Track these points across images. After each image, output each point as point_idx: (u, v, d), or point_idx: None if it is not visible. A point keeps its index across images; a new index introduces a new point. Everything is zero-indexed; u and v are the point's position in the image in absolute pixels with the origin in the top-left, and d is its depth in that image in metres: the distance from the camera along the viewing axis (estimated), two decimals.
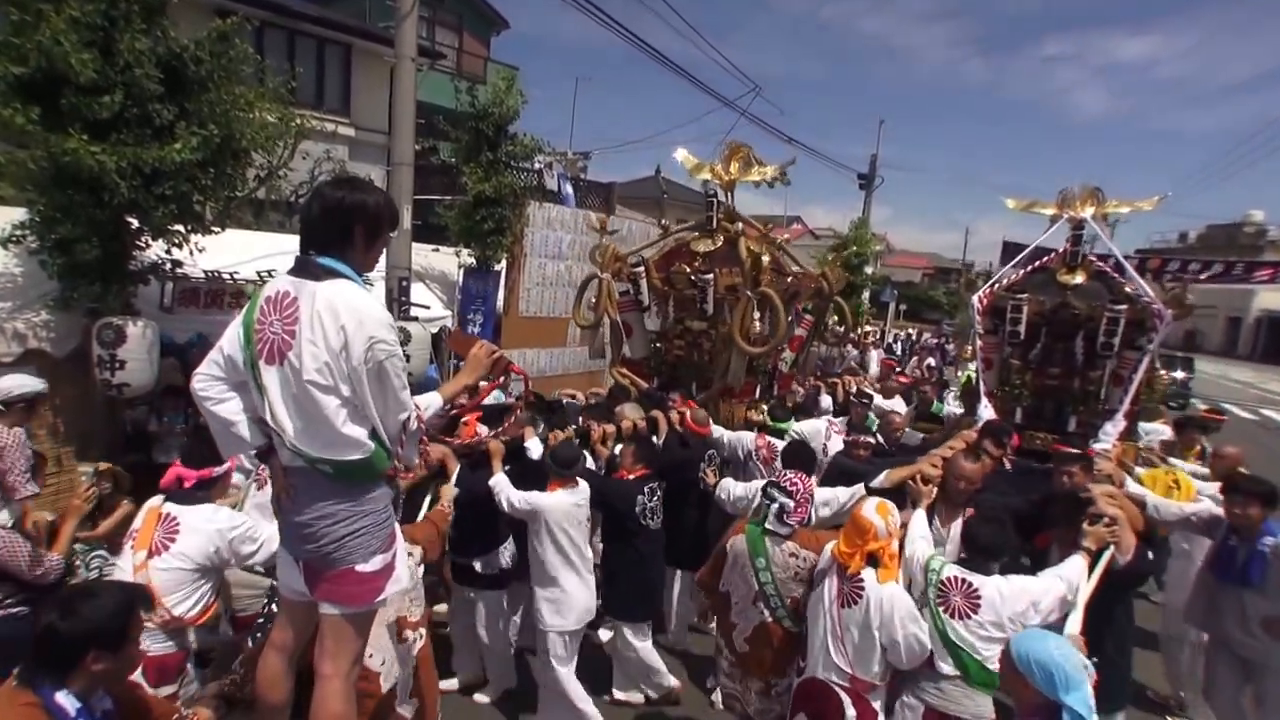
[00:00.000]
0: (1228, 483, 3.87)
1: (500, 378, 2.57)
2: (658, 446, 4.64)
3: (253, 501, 3.52)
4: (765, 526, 3.24)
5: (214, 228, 5.58)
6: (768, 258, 6.20)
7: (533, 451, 4.09)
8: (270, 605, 2.75)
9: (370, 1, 15.68)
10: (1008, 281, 5.67)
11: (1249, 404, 20.04)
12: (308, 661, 2.31)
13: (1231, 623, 3.72)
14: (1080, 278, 5.28)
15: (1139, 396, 5.29)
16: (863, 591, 2.83)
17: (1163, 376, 8.29)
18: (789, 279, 6.47)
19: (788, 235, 7.24)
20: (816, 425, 5.58)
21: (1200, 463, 5.79)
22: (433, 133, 13.05)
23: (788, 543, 3.20)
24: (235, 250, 6.09)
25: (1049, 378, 5.43)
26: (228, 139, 5.18)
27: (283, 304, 2.05)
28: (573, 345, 9.78)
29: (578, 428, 4.69)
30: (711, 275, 6.05)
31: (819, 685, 2.93)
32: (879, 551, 2.86)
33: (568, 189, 11.96)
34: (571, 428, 4.60)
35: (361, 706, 2.38)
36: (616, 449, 4.57)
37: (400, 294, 6.97)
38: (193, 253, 5.52)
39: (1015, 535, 3.16)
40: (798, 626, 3.17)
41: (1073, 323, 5.23)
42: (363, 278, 2.15)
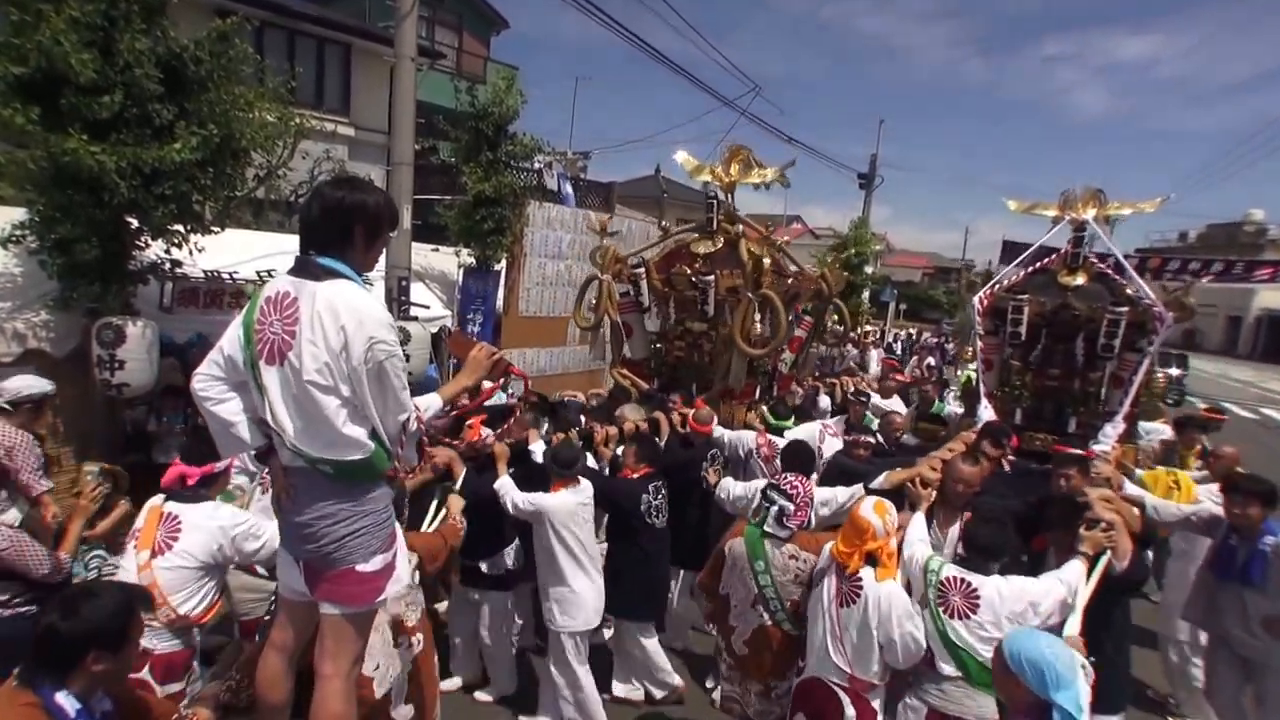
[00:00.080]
0: (1227, 482, 3.87)
1: (500, 379, 2.58)
2: (660, 446, 4.63)
3: (258, 505, 3.52)
4: (765, 529, 3.23)
5: (213, 228, 5.57)
6: (768, 260, 6.20)
7: (537, 454, 4.09)
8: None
9: (370, 1, 15.67)
10: (1009, 282, 5.66)
11: (1249, 403, 20.02)
12: (308, 661, 2.31)
13: (1232, 622, 3.73)
14: (1081, 279, 5.27)
15: (1139, 398, 5.29)
16: (861, 590, 2.83)
17: (1160, 378, 8.27)
18: (789, 280, 6.47)
19: (787, 238, 7.23)
20: (811, 429, 5.58)
21: (1200, 462, 5.79)
22: (432, 132, 13.05)
23: (788, 545, 3.19)
24: (235, 250, 6.09)
25: (1049, 379, 5.42)
26: (227, 139, 5.17)
27: (283, 304, 2.05)
28: (572, 345, 9.78)
29: (581, 429, 4.69)
30: (712, 277, 6.04)
31: (818, 685, 2.93)
32: (877, 551, 2.86)
33: (567, 189, 11.96)
34: (575, 430, 4.60)
35: None
36: (619, 450, 4.57)
37: (400, 294, 6.97)
38: (192, 253, 5.51)
39: (1015, 536, 3.16)
40: (797, 629, 3.16)
41: (1073, 324, 5.22)
42: (362, 278, 2.15)
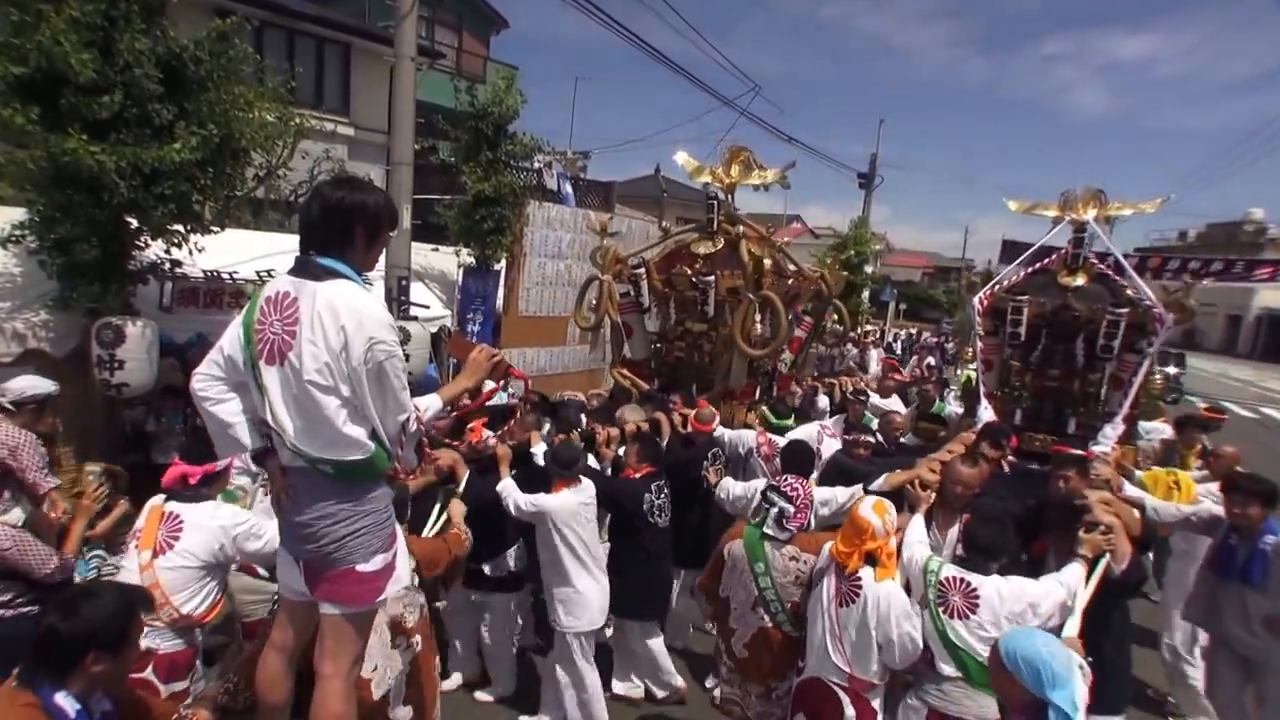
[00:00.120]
0: (1228, 482, 3.87)
1: (501, 381, 2.58)
2: (662, 446, 4.64)
3: (260, 505, 3.52)
4: (764, 531, 3.23)
5: (213, 227, 5.57)
6: (769, 260, 6.20)
7: (539, 456, 4.08)
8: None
9: (369, 1, 15.67)
10: (1009, 283, 5.66)
11: (1249, 402, 20.01)
12: (308, 661, 2.31)
13: (1232, 621, 3.72)
14: (1081, 280, 5.27)
15: (1138, 399, 5.28)
16: (860, 590, 2.83)
17: (1158, 379, 8.27)
18: (789, 281, 6.47)
19: (787, 237, 7.23)
20: (809, 430, 5.57)
21: (1201, 462, 5.79)
22: (432, 132, 13.04)
23: (788, 546, 3.19)
24: (234, 250, 6.08)
25: (1049, 379, 5.42)
26: (227, 139, 5.17)
27: (283, 304, 2.05)
28: (572, 344, 9.78)
29: (583, 431, 4.68)
30: (713, 278, 6.04)
31: (818, 685, 2.93)
32: (877, 551, 2.86)
33: (567, 188, 11.97)
34: (577, 431, 4.60)
35: None
36: (620, 451, 4.58)
37: (400, 293, 6.97)
38: (192, 252, 5.51)
39: (1014, 536, 3.16)
40: (798, 631, 3.15)
41: (1073, 325, 5.21)
42: (362, 277, 2.15)
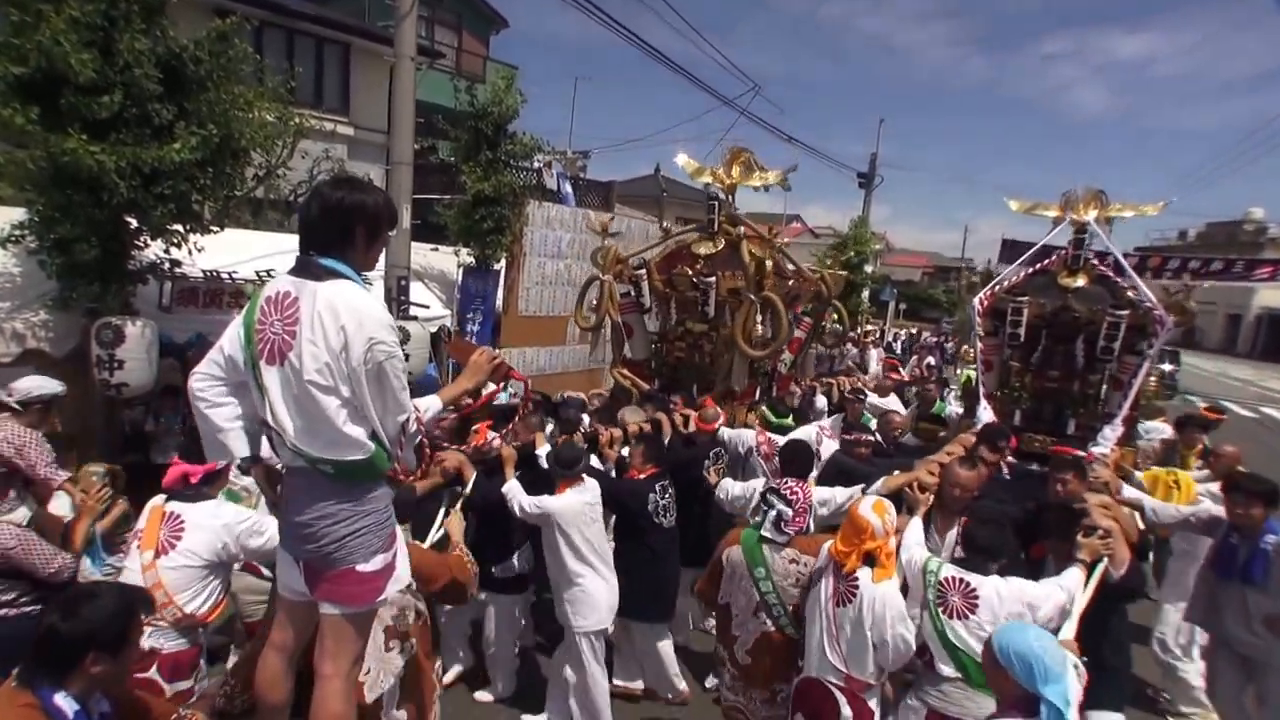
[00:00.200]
0: (1229, 482, 3.87)
1: (501, 382, 2.59)
2: (664, 446, 4.64)
3: (265, 504, 3.53)
4: (762, 534, 3.22)
5: (213, 227, 5.58)
6: (770, 262, 6.20)
7: (544, 458, 4.08)
8: None
9: (369, 0, 15.67)
10: (1009, 283, 5.66)
11: (1249, 402, 19.99)
12: (308, 661, 2.31)
13: (1233, 621, 3.72)
14: (1082, 281, 5.27)
15: (1138, 401, 5.28)
16: (857, 590, 2.83)
17: (1153, 381, 8.25)
18: (789, 282, 6.47)
19: (787, 237, 7.22)
20: (807, 431, 5.57)
21: (1201, 462, 5.78)
22: (432, 132, 13.05)
23: (788, 549, 3.18)
24: (234, 250, 6.09)
25: (1048, 380, 5.42)
26: (227, 138, 5.17)
27: (283, 304, 2.04)
28: (572, 344, 9.78)
29: (586, 431, 4.69)
30: (714, 279, 6.04)
31: (815, 685, 2.93)
32: (876, 550, 2.85)
33: (567, 188, 11.97)
34: (580, 431, 4.60)
35: None
36: (624, 451, 4.57)
37: (399, 293, 6.97)
38: (191, 252, 5.51)
39: (1013, 538, 3.15)
40: (800, 633, 3.14)
41: (1073, 326, 5.21)
42: (362, 277, 2.14)
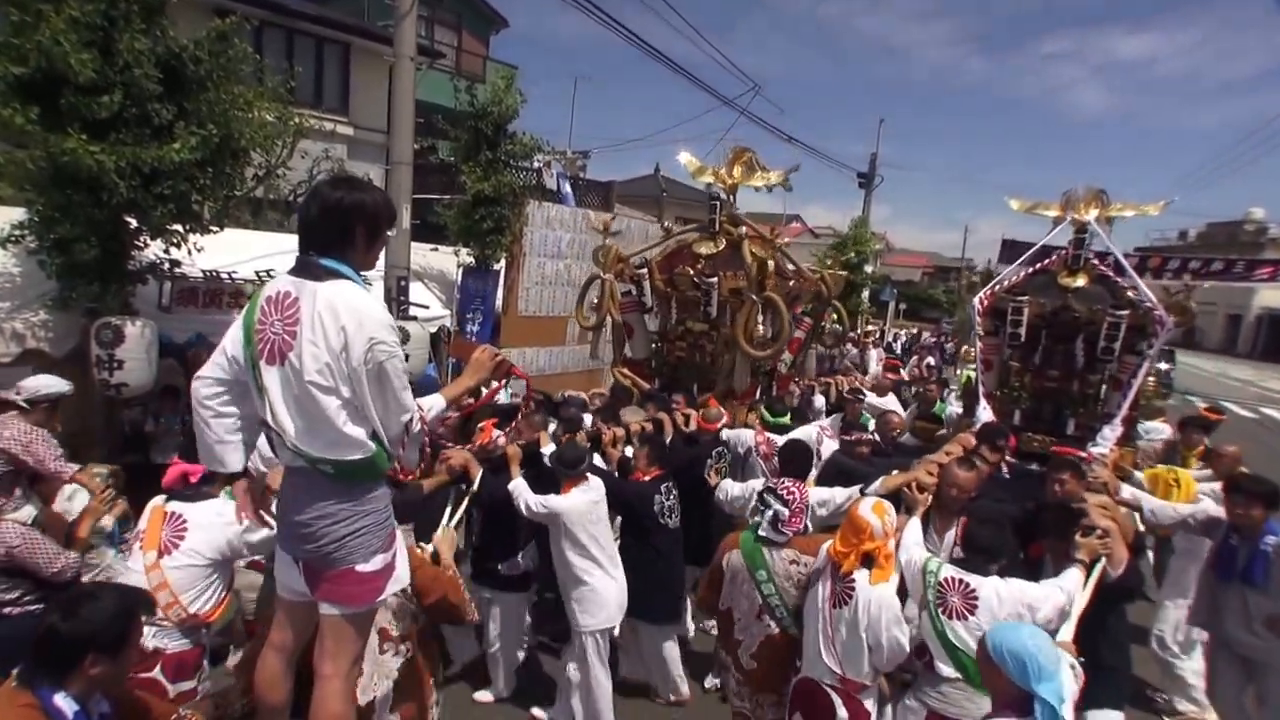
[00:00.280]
0: (1230, 482, 3.87)
1: (503, 380, 2.59)
2: (667, 446, 4.64)
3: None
4: (759, 534, 3.22)
5: (212, 227, 5.57)
6: (772, 262, 6.20)
7: (549, 457, 4.09)
8: None
9: (369, 0, 15.67)
10: (1009, 283, 5.66)
11: (1249, 402, 19.97)
12: (307, 661, 2.31)
13: (1234, 623, 3.72)
14: (1082, 281, 5.27)
15: (1137, 401, 5.28)
16: (853, 592, 2.83)
17: (1151, 381, 8.24)
18: (790, 282, 6.47)
19: (787, 239, 7.21)
20: (808, 431, 5.58)
21: (1202, 463, 5.78)
22: (431, 132, 13.06)
23: (787, 550, 3.18)
24: (234, 250, 6.08)
25: (1048, 380, 5.42)
26: (226, 138, 5.17)
27: (283, 304, 2.05)
28: (572, 344, 9.78)
29: (589, 431, 4.69)
30: (716, 279, 6.04)
31: (812, 685, 2.93)
32: (874, 551, 2.85)
33: (567, 188, 11.97)
34: (583, 431, 4.60)
35: None
36: (626, 451, 4.58)
37: (399, 293, 6.97)
38: (191, 252, 5.51)
39: (1013, 538, 3.15)
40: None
41: (1073, 326, 5.21)
42: (362, 277, 2.14)
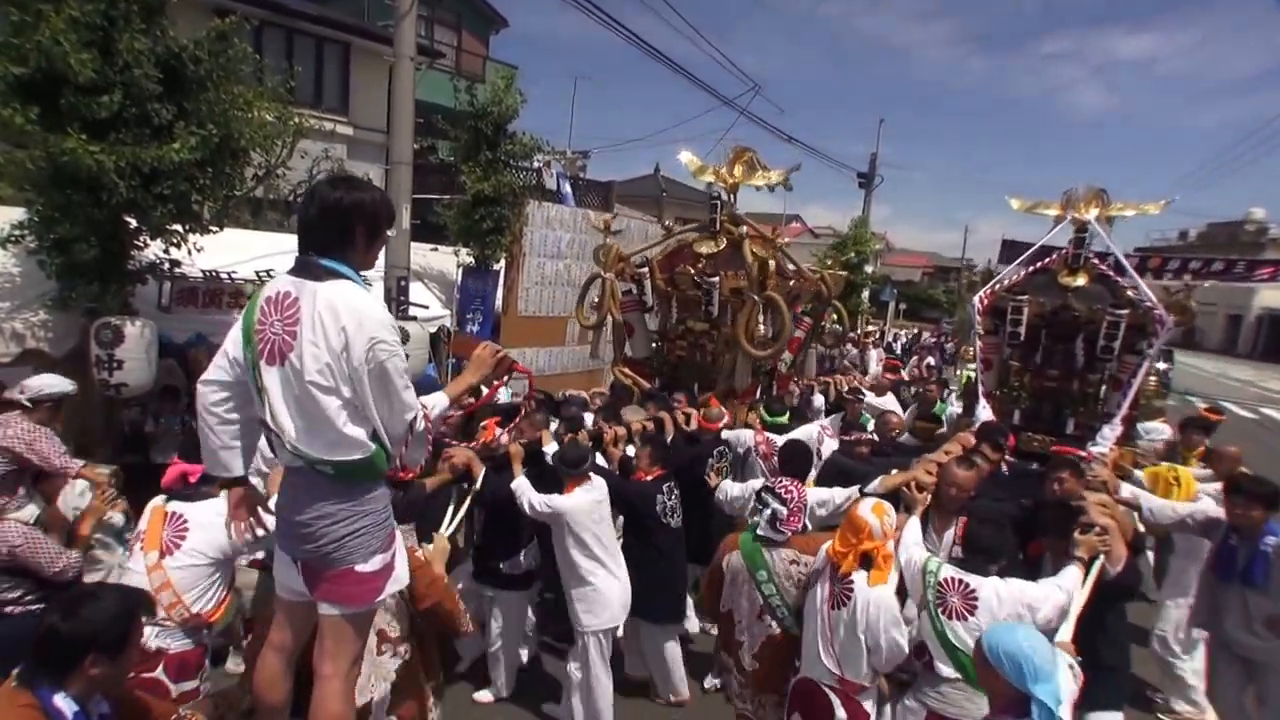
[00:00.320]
0: (1230, 483, 3.86)
1: (505, 376, 2.58)
2: (668, 446, 4.65)
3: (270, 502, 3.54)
4: (758, 534, 3.22)
5: (212, 227, 5.56)
6: (773, 262, 6.20)
7: (550, 455, 4.09)
8: None
9: (369, 0, 15.67)
10: (1009, 282, 5.66)
11: (1249, 402, 19.96)
12: (307, 661, 2.31)
13: (1234, 623, 3.71)
14: (1082, 280, 5.27)
15: (1137, 401, 5.28)
16: (852, 594, 2.83)
17: (1153, 381, 8.22)
18: (790, 282, 6.47)
19: (787, 239, 7.22)
20: (809, 430, 5.58)
21: (1203, 464, 5.77)
22: (431, 131, 13.05)
23: (787, 550, 3.18)
24: (233, 250, 6.07)
25: (1048, 380, 5.42)
26: (226, 138, 5.16)
27: (283, 304, 2.04)
28: (571, 345, 9.78)
29: (590, 430, 4.69)
30: (717, 278, 6.04)
31: (811, 685, 2.93)
32: (873, 552, 2.85)
33: (566, 188, 11.96)
34: (585, 430, 4.61)
35: None
36: (630, 451, 4.58)
37: (399, 293, 6.97)
38: (191, 252, 5.50)
39: (1013, 537, 3.15)
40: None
41: (1073, 325, 5.21)
42: (361, 277, 2.14)
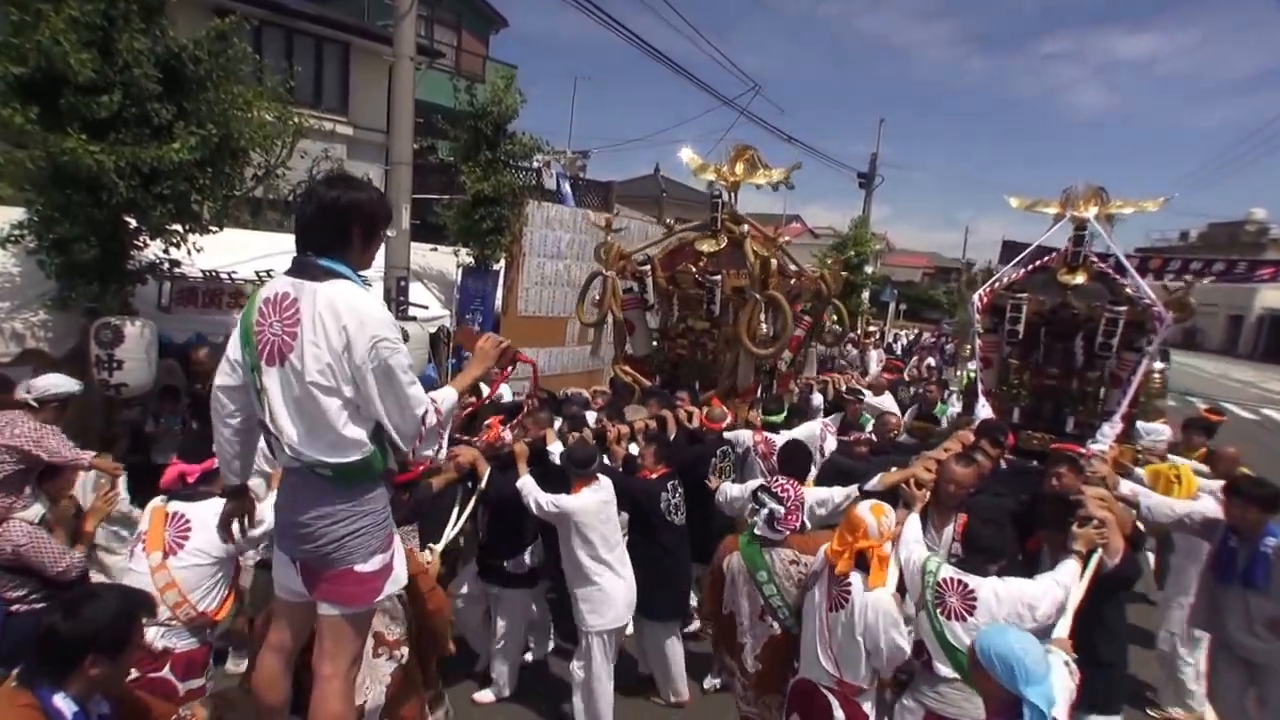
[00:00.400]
0: (1230, 484, 3.85)
1: (509, 368, 2.57)
2: (672, 445, 4.65)
3: (268, 502, 3.54)
4: (755, 533, 3.22)
5: (212, 227, 5.57)
6: (775, 261, 6.20)
7: (555, 454, 4.09)
8: None
9: (369, 0, 15.67)
10: (1008, 280, 5.66)
11: (1249, 403, 19.95)
12: (306, 662, 2.31)
13: (1234, 625, 3.70)
14: (1081, 278, 5.27)
15: (1137, 398, 5.28)
16: (849, 596, 2.83)
17: (1157, 380, 8.20)
18: (791, 281, 6.47)
19: (788, 238, 7.22)
20: (812, 428, 5.60)
21: (1204, 466, 5.76)
22: (431, 131, 13.05)
23: (786, 550, 3.18)
24: (233, 250, 6.08)
25: (1047, 378, 5.42)
26: (226, 138, 5.16)
27: (282, 305, 2.04)
28: (571, 345, 9.78)
29: (594, 428, 4.70)
30: (719, 276, 6.04)
31: (809, 686, 2.93)
32: (868, 551, 2.85)
33: (566, 188, 11.95)
34: (588, 429, 4.61)
35: None
36: (633, 449, 4.59)
37: (399, 294, 6.97)
38: (190, 252, 5.50)
39: (1013, 535, 3.15)
40: None
41: (1072, 323, 5.21)
42: (360, 277, 2.14)
